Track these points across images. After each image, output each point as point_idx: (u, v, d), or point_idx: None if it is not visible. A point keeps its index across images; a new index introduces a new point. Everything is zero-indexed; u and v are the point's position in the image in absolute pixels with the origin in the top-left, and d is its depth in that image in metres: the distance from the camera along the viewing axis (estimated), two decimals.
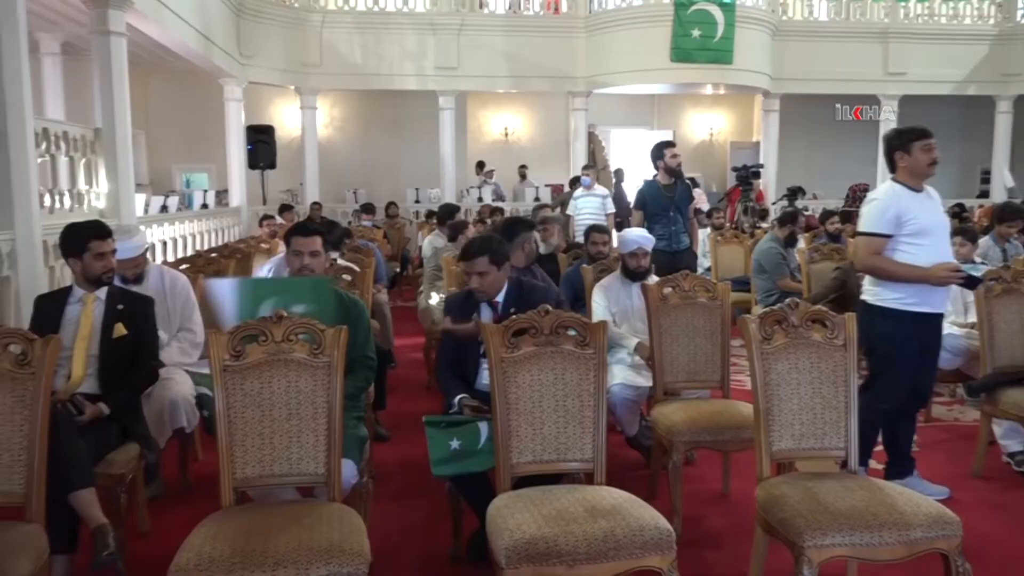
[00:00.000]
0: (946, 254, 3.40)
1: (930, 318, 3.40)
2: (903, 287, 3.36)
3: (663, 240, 5.83)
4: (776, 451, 2.61)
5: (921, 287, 3.32)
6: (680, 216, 5.94)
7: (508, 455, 2.54)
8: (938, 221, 3.42)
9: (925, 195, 3.43)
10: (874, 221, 3.39)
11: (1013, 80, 12.96)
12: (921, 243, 3.33)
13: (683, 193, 6.02)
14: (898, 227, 3.34)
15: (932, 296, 3.35)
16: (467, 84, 12.34)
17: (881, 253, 3.38)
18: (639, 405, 3.89)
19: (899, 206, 3.35)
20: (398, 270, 10.13)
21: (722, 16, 11.11)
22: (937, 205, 3.47)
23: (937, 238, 3.37)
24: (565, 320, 2.61)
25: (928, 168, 3.38)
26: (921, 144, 3.36)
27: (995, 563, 2.93)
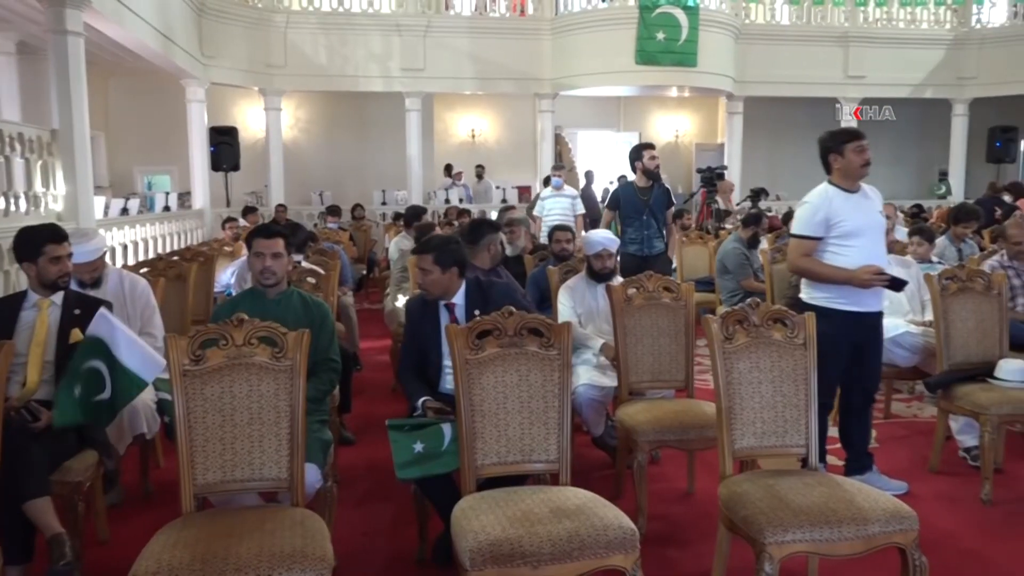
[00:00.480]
0: (877, 256, 3.44)
1: (863, 317, 3.46)
2: (833, 287, 3.44)
3: (635, 244, 5.76)
4: (738, 449, 2.64)
5: (850, 288, 3.39)
6: (655, 220, 5.84)
7: (473, 457, 2.54)
8: (870, 223, 3.45)
9: (861, 196, 3.48)
10: (804, 224, 3.48)
11: (968, 83, 13.27)
12: (851, 244, 3.40)
13: (660, 197, 5.90)
14: (827, 229, 3.42)
15: (862, 296, 3.42)
16: (433, 86, 12.31)
17: (811, 255, 3.46)
18: (605, 405, 3.91)
19: (829, 209, 3.42)
20: (365, 272, 10.08)
21: (686, 19, 11.23)
22: (873, 205, 3.50)
23: (868, 239, 3.42)
24: (529, 321, 2.62)
25: (861, 169, 3.43)
26: (853, 146, 3.41)
27: (951, 556, 2.99)
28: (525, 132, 14.15)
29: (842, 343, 3.45)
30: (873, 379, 3.69)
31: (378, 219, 12.30)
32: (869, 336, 3.55)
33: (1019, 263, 4.55)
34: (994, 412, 3.49)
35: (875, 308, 3.52)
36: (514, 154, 14.69)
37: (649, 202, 5.79)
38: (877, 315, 3.56)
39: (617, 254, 5.45)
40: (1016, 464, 3.97)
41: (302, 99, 13.88)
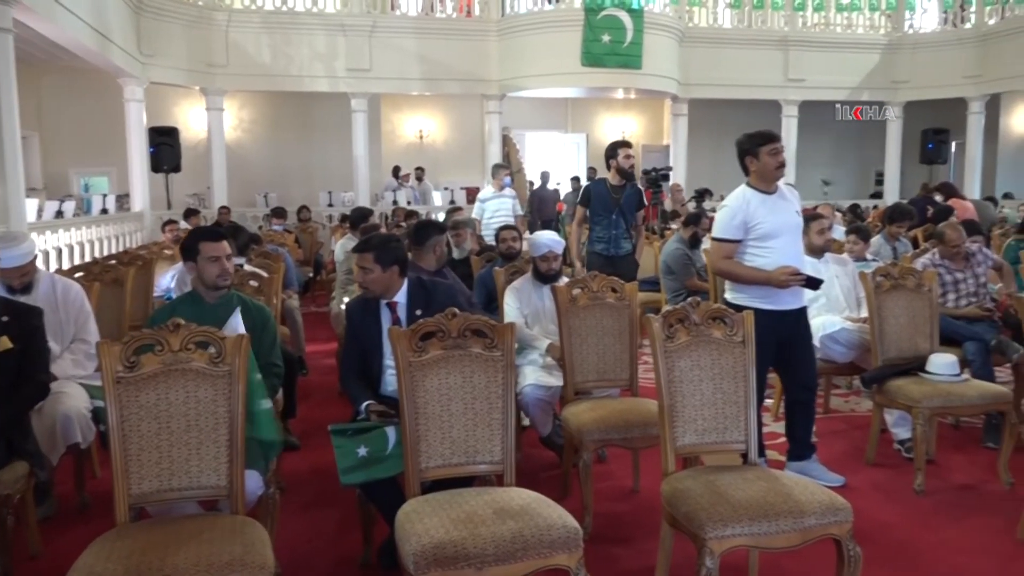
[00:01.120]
0: (794, 256, 3.53)
1: (783, 315, 3.55)
2: (752, 287, 3.54)
3: (601, 243, 5.64)
4: (680, 446, 2.68)
5: (768, 288, 3.48)
6: (624, 220, 5.66)
7: (417, 460, 2.53)
8: (787, 224, 3.54)
9: (778, 197, 3.57)
10: (723, 227, 3.58)
11: (902, 87, 13.70)
12: (769, 246, 3.50)
13: (631, 197, 5.73)
14: (746, 232, 3.52)
15: (781, 296, 3.51)
16: (379, 86, 12.22)
17: (731, 257, 3.56)
18: (551, 405, 3.92)
19: (747, 212, 3.51)
20: (311, 275, 9.95)
21: (631, 22, 11.35)
22: (790, 206, 3.59)
23: (785, 240, 3.52)
24: (473, 323, 2.61)
25: (776, 171, 3.52)
26: (768, 148, 3.50)
27: (885, 545, 3.08)
28: (473, 133, 14.15)
29: (765, 340, 3.48)
30: (808, 373, 3.77)
31: (324, 221, 12.16)
32: (793, 332, 3.64)
33: (950, 263, 4.71)
34: (925, 405, 3.61)
35: (795, 306, 3.61)
36: (462, 155, 14.68)
37: (620, 201, 5.63)
38: (798, 312, 3.66)
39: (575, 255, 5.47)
40: (947, 455, 4.11)
41: (245, 99, 13.64)
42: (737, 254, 3.57)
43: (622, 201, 5.63)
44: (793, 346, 3.67)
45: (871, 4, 13.31)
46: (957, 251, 4.66)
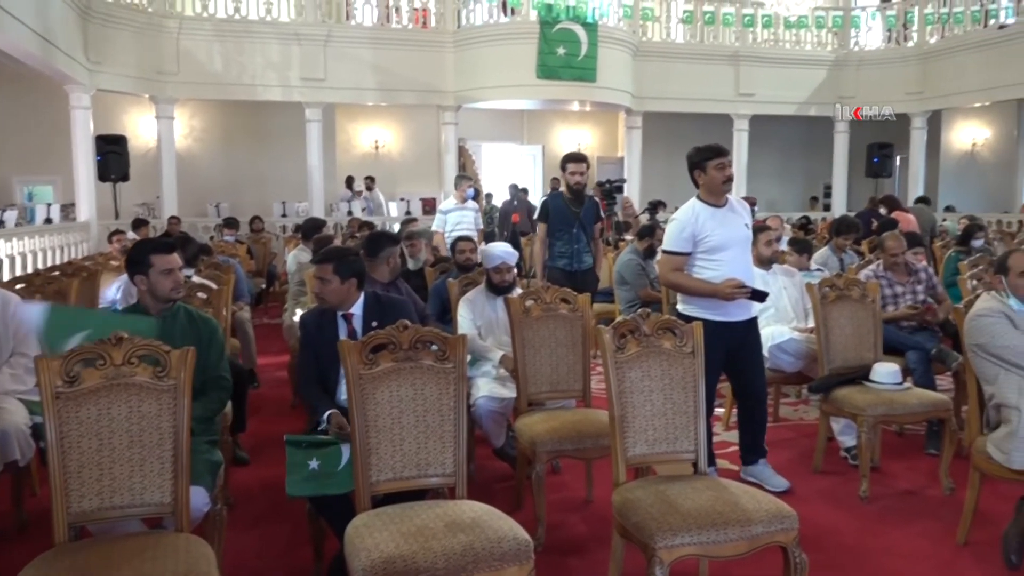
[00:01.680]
0: (742, 268, 3.60)
1: (731, 326, 3.62)
2: (702, 299, 3.62)
3: (563, 258, 5.46)
4: (631, 457, 2.70)
5: (717, 299, 3.56)
6: (584, 234, 5.49)
7: (367, 473, 2.50)
8: (735, 237, 3.62)
9: (727, 210, 3.64)
10: (672, 240, 3.65)
11: (848, 102, 14.05)
12: (717, 259, 3.57)
13: (590, 209, 5.56)
14: (695, 245, 3.59)
15: (728, 307, 3.59)
16: (334, 96, 12.13)
17: (681, 269, 3.63)
18: (505, 417, 3.92)
19: (695, 225, 3.58)
20: (264, 286, 9.82)
21: (585, 35, 11.47)
22: (739, 219, 3.66)
23: (733, 253, 3.59)
24: (424, 335, 2.61)
25: (722, 185, 3.60)
26: (715, 163, 3.57)
27: (831, 551, 3.14)
28: (429, 144, 14.12)
29: (714, 351, 3.54)
30: (756, 382, 3.85)
31: (278, 232, 12.01)
32: (742, 343, 3.72)
33: (892, 274, 4.85)
34: (869, 413, 3.70)
35: (742, 317, 3.68)
36: (418, 166, 14.64)
37: (580, 215, 5.44)
38: (747, 323, 3.73)
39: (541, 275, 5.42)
40: (891, 462, 4.21)
41: (197, 107, 13.43)
42: (687, 266, 3.64)
43: (582, 215, 5.46)
44: (742, 356, 3.75)
45: (818, 21, 13.65)
46: (896, 260, 4.79)
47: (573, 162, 5.46)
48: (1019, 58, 11.76)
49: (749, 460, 3.88)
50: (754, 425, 3.87)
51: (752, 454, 3.87)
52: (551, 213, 5.53)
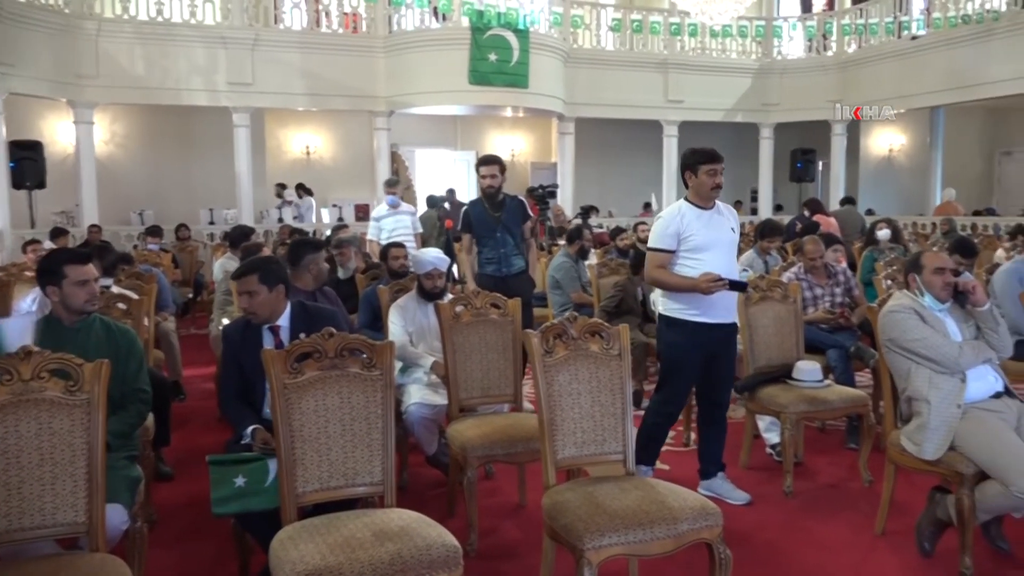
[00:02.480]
0: (725, 268, 3.58)
1: (713, 328, 3.63)
2: (685, 299, 3.61)
3: (491, 264, 5.17)
4: (560, 459, 2.72)
5: (701, 299, 3.55)
6: (510, 236, 5.18)
7: (293, 484, 2.46)
8: (719, 238, 3.63)
9: (714, 212, 3.67)
10: (657, 237, 3.67)
11: (772, 109, 14.50)
12: (699, 258, 3.59)
13: (513, 210, 5.23)
14: (679, 243, 3.62)
15: (712, 308, 3.59)
16: (263, 101, 11.90)
17: (665, 267, 3.64)
18: (437, 423, 3.90)
19: (680, 224, 3.61)
20: (191, 296, 9.56)
21: (517, 42, 11.54)
22: (725, 222, 3.68)
23: (716, 254, 3.60)
24: (351, 342, 2.57)
25: (711, 191, 3.62)
26: (707, 168, 3.61)
27: (756, 546, 3.23)
28: (362, 150, 13.96)
29: (693, 353, 3.65)
30: (721, 391, 3.85)
31: (206, 240, 11.71)
32: (720, 348, 3.71)
33: (812, 276, 5.01)
34: (792, 410, 3.81)
35: (726, 320, 3.68)
36: (350, 172, 14.47)
37: (501, 218, 5.15)
38: (730, 327, 3.72)
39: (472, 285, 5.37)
40: (814, 457, 4.34)
41: (118, 112, 12.99)
42: (671, 265, 3.64)
43: (504, 217, 5.17)
44: (719, 363, 3.74)
45: (741, 31, 14.03)
46: (815, 263, 4.96)
47: (484, 165, 5.20)
48: (931, 68, 12.31)
49: (708, 473, 3.82)
50: (716, 435, 3.84)
51: (711, 466, 3.82)
52: (473, 221, 5.26)
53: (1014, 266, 4.76)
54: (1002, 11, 11.28)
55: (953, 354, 2.99)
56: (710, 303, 3.56)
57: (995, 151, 15.98)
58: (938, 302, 3.15)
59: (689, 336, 3.62)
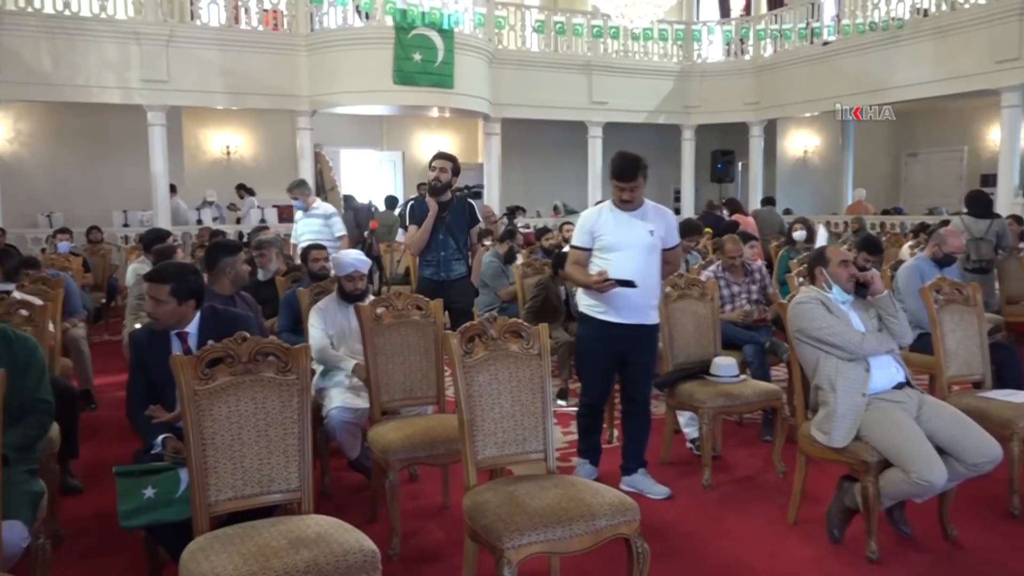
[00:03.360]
0: (630, 269, 3.66)
1: (615, 327, 3.72)
2: (593, 297, 3.74)
3: (430, 267, 4.96)
4: (481, 460, 2.72)
5: (605, 298, 3.67)
6: (453, 240, 4.96)
7: (205, 494, 2.38)
8: (632, 240, 3.71)
9: (634, 215, 3.74)
10: (575, 235, 3.86)
11: (693, 111, 14.84)
12: (608, 258, 3.70)
13: (460, 213, 5.02)
14: (592, 241, 3.75)
15: (615, 307, 3.69)
16: (179, 99, 11.52)
17: (581, 264, 3.78)
18: (359, 427, 3.86)
19: (596, 224, 3.75)
20: (104, 301, 9.20)
21: (441, 42, 11.49)
22: (643, 225, 3.74)
23: (626, 255, 3.69)
24: (264, 346, 2.52)
25: (621, 203, 3.74)
26: (614, 183, 3.74)
27: (675, 539, 3.30)
28: (285, 150, 13.66)
29: (599, 348, 3.79)
30: (636, 389, 3.91)
31: (120, 243, 11.28)
32: (629, 346, 3.78)
33: (730, 274, 5.15)
34: (709, 405, 3.91)
35: (631, 320, 3.73)
36: (273, 172, 14.13)
37: (446, 219, 4.94)
38: (634, 328, 3.75)
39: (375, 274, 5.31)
40: (732, 450, 4.46)
41: (23, 110, 12.39)
42: (589, 262, 3.78)
43: (448, 219, 4.96)
44: (629, 361, 3.82)
45: (661, 34, 14.31)
46: (734, 261, 5.10)
47: (436, 159, 5.04)
48: (841, 73, 12.81)
49: (628, 469, 3.88)
50: (636, 431, 3.91)
51: (632, 462, 3.89)
52: (418, 217, 4.98)
53: (916, 263, 5.00)
54: (905, 19, 11.81)
55: (856, 340, 3.13)
56: (613, 302, 3.68)
57: (901, 153, 16.73)
58: (844, 293, 3.29)
59: (595, 331, 3.77)
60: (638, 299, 3.68)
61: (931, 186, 15.92)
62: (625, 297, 3.62)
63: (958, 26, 11.08)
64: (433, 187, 4.97)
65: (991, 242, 6.82)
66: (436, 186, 4.95)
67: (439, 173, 4.94)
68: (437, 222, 4.91)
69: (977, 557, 3.13)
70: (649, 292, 3.74)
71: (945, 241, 4.96)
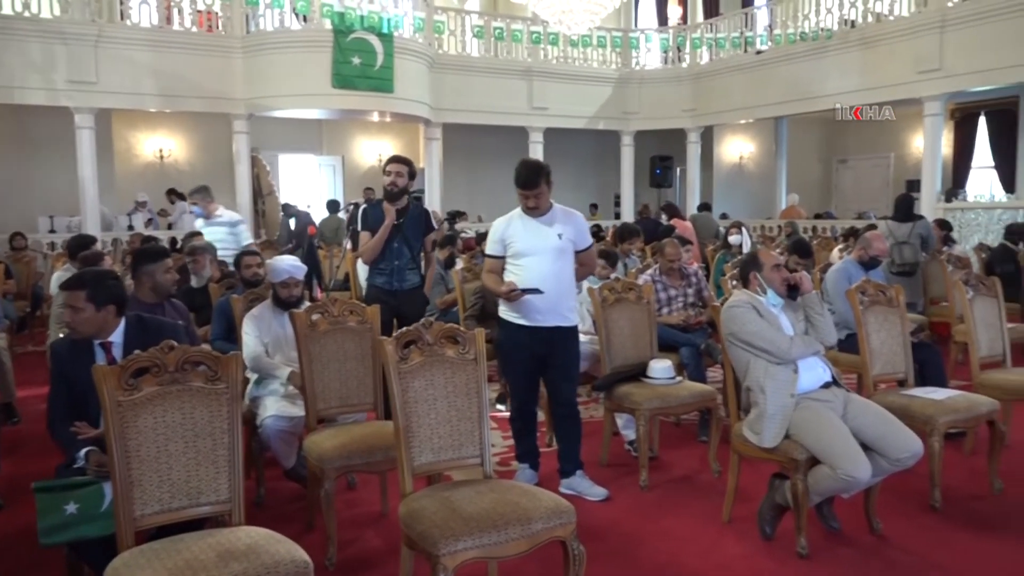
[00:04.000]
0: (540, 274, 3.71)
1: (533, 331, 3.77)
2: (508, 303, 3.80)
3: (382, 275, 4.76)
4: (418, 466, 2.71)
5: (517, 304, 3.74)
6: (408, 248, 4.78)
7: (130, 508, 2.31)
8: (542, 246, 3.76)
9: (544, 221, 3.79)
10: (488, 243, 3.94)
11: (632, 117, 15.05)
12: (520, 264, 3.79)
13: (415, 219, 4.83)
14: (504, 249, 3.83)
15: (527, 312, 3.76)
16: (109, 101, 11.16)
17: (495, 271, 3.86)
18: (295, 436, 3.79)
19: (506, 232, 3.83)
20: (29, 310, 8.86)
21: (381, 46, 11.40)
22: (552, 231, 3.78)
23: (536, 260, 3.75)
24: (193, 355, 2.46)
25: (528, 211, 3.80)
26: (518, 191, 3.77)
27: (612, 540, 3.33)
28: (220, 154, 13.39)
29: (517, 352, 3.85)
30: (562, 391, 3.94)
31: (45, 249, 10.88)
32: (549, 350, 3.82)
33: (667, 278, 5.23)
34: (646, 407, 3.96)
35: (547, 323, 3.78)
36: (208, 177, 13.71)
37: (402, 226, 4.74)
38: (552, 330, 3.80)
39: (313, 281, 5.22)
40: (669, 451, 4.53)
41: None
42: (503, 270, 3.84)
43: (404, 226, 4.75)
44: (550, 364, 3.86)
45: (600, 41, 14.48)
46: (672, 265, 5.19)
47: (391, 163, 4.82)
48: (774, 81, 13.16)
49: (566, 472, 3.89)
50: (568, 433, 3.94)
51: (569, 464, 3.90)
52: (371, 223, 4.78)
53: (843, 265, 5.16)
54: (834, 30, 12.20)
55: (785, 345, 3.22)
56: (525, 307, 3.76)
57: (832, 159, 17.27)
58: (777, 297, 3.38)
59: (513, 336, 3.85)
60: (553, 302, 3.74)
61: (860, 191, 16.47)
62: (539, 301, 3.71)
63: (883, 37, 11.51)
64: (390, 193, 4.74)
65: (914, 245, 7.09)
66: (393, 191, 4.73)
67: (395, 178, 4.72)
68: (393, 229, 4.71)
69: (901, 549, 3.24)
70: (564, 295, 3.81)
71: (870, 244, 5.13)
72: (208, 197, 7.12)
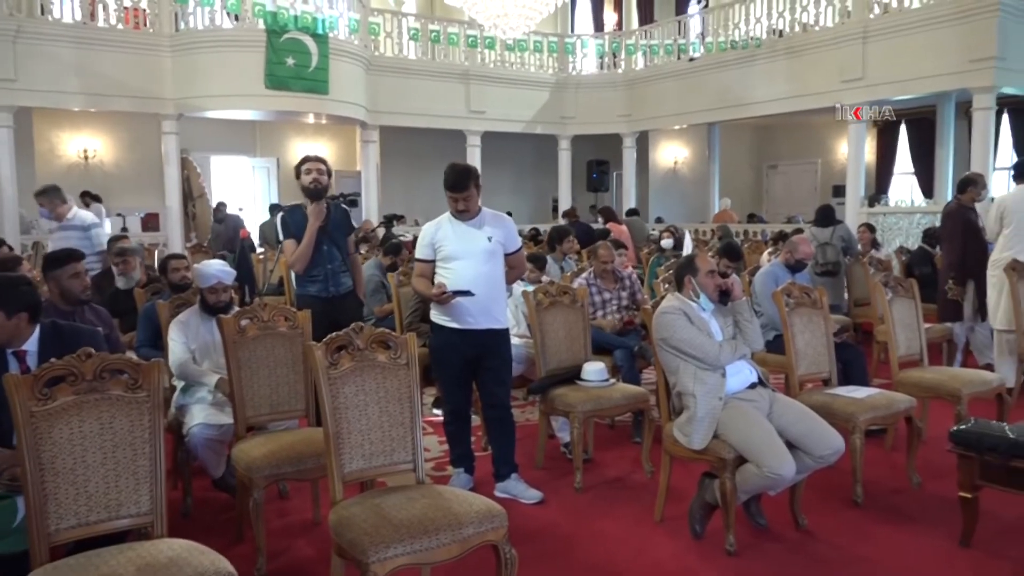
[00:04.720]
0: (469, 277, 3.73)
1: (466, 334, 3.79)
2: (440, 306, 3.81)
3: (316, 283, 4.50)
4: (348, 473, 2.67)
5: (448, 307, 3.76)
6: (338, 250, 4.57)
7: (44, 522, 2.22)
8: (471, 249, 3.79)
9: (473, 224, 3.82)
10: (418, 248, 3.96)
11: (569, 122, 15.19)
12: (450, 267, 3.80)
13: (338, 221, 4.61)
14: (434, 253, 3.85)
15: (459, 315, 3.78)
16: (29, 99, 10.73)
17: (426, 275, 3.87)
18: (224, 444, 3.70)
19: (436, 235, 3.85)
20: None
21: (315, 47, 11.25)
22: (481, 234, 3.81)
23: (466, 263, 3.78)
24: (111, 363, 2.38)
25: (457, 215, 3.83)
26: (447, 194, 3.82)
27: (545, 543, 3.34)
28: (149, 155, 13.00)
29: (450, 355, 3.85)
30: (495, 393, 3.94)
31: None
32: (478, 352, 3.83)
33: (602, 281, 5.29)
34: (580, 409, 3.99)
35: (478, 326, 3.80)
36: (136, 179, 13.44)
37: (327, 229, 4.51)
38: (482, 333, 3.82)
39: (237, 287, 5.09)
40: (604, 453, 4.57)
41: None
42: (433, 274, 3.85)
43: (329, 228, 4.52)
44: (482, 366, 3.87)
45: (536, 46, 14.57)
46: (606, 268, 5.25)
47: (307, 162, 4.56)
48: (706, 88, 13.45)
49: (501, 475, 3.90)
50: (499, 435, 3.95)
51: (504, 467, 3.91)
52: (294, 230, 4.51)
53: (770, 268, 5.31)
54: (763, 39, 12.54)
55: (714, 352, 3.28)
56: (459, 311, 3.78)
57: (763, 164, 17.73)
58: (710, 302, 3.44)
59: (445, 339, 3.86)
60: (484, 304, 3.76)
61: (790, 196, 16.95)
62: (470, 304, 3.73)
63: (809, 47, 11.88)
64: (315, 191, 4.48)
65: (836, 247, 7.35)
66: (317, 189, 4.49)
67: (317, 176, 4.50)
68: (320, 232, 4.46)
69: (825, 543, 3.34)
70: (495, 297, 3.84)
71: (796, 248, 5.29)
72: (57, 198, 6.29)
